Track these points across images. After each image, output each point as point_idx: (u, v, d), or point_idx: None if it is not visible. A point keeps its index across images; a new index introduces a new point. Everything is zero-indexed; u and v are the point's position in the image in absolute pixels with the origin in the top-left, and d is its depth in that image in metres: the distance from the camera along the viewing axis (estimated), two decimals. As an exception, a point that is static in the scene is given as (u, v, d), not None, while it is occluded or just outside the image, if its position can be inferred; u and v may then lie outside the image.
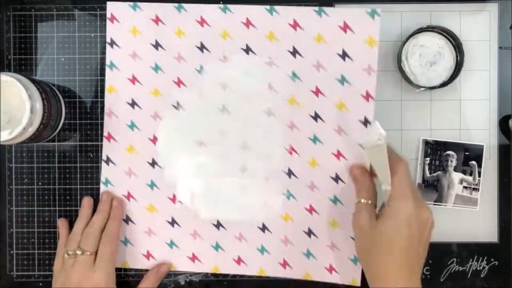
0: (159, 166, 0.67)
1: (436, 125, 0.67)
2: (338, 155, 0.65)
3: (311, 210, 0.66)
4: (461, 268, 0.68)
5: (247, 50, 0.65)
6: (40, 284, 0.68)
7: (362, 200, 0.60)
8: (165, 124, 0.67)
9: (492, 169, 0.67)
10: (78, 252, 0.62)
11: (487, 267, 0.67)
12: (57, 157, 0.68)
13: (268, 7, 0.65)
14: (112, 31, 0.66)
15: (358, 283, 0.65)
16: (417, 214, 0.56)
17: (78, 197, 0.68)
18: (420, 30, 0.64)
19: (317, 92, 0.65)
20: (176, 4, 0.65)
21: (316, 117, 0.65)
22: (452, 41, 0.65)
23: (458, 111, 0.68)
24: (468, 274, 0.67)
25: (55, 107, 0.63)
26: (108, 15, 0.66)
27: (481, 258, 0.67)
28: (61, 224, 0.67)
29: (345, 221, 0.65)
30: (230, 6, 0.65)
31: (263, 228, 0.67)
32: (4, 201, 0.68)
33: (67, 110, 0.67)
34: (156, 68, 0.66)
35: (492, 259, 0.67)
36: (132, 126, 0.67)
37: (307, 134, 0.65)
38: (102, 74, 0.68)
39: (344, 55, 0.64)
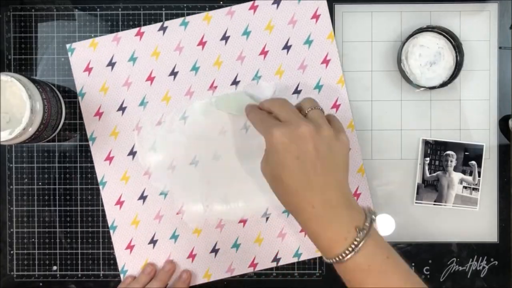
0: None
1: (436, 125, 0.68)
2: None
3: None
4: (461, 268, 0.68)
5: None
6: (40, 284, 0.68)
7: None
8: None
9: (492, 169, 0.67)
10: None
11: (487, 267, 0.67)
12: (57, 157, 0.68)
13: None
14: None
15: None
16: (285, 133, 0.53)
17: (78, 197, 0.68)
18: (420, 30, 0.64)
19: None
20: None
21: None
22: (452, 41, 0.65)
23: (458, 111, 0.68)
24: (468, 274, 0.68)
25: (55, 107, 0.63)
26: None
27: (481, 258, 0.67)
28: (150, 268, 0.67)
29: None
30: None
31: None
32: (4, 201, 0.68)
33: (67, 110, 0.67)
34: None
35: (492, 259, 0.67)
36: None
37: None
38: (102, 74, 0.68)
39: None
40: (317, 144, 0.53)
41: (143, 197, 0.67)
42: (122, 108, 0.67)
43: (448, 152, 0.67)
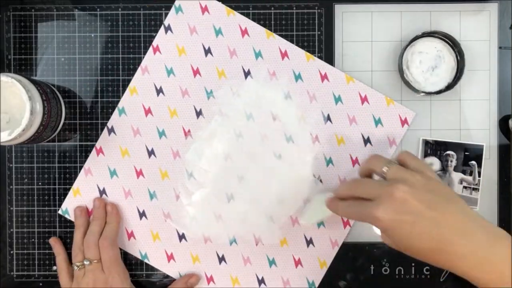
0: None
1: (436, 125, 0.68)
2: None
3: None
4: (461, 268, 0.67)
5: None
6: (40, 284, 0.68)
7: None
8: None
9: (492, 169, 0.67)
10: (86, 263, 0.63)
11: (487, 267, 0.67)
12: (57, 157, 0.68)
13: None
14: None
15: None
16: (383, 217, 0.51)
17: (78, 197, 0.68)
18: (417, 37, 0.64)
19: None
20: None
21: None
22: (450, 42, 0.65)
23: (458, 111, 0.68)
24: (468, 274, 0.67)
25: (55, 108, 0.63)
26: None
27: (481, 258, 0.67)
28: (54, 242, 0.67)
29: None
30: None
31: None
32: (4, 201, 0.68)
33: (67, 110, 0.67)
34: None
35: (492, 259, 0.67)
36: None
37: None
38: (102, 74, 0.68)
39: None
40: (419, 198, 0.50)
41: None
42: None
43: (448, 152, 0.67)
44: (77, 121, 0.68)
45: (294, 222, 0.67)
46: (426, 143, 0.67)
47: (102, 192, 0.67)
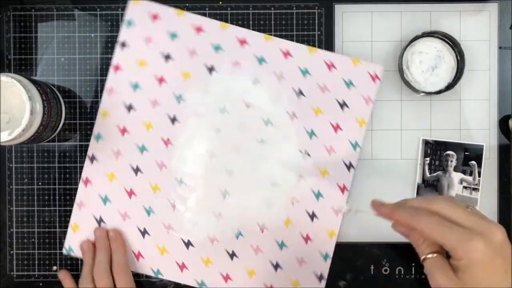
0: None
1: (436, 125, 0.68)
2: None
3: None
4: (461, 268, 0.67)
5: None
6: (40, 284, 0.68)
7: (429, 256, 0.50)
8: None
9: (492, 169, 0.67)
10: None
11: (487, 267, 0.67)
12: (57, 157, 0.68)
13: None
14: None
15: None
16: (488, 244, 0.45)
17: (78, 197, 0.68)
18: (417, 37, 0.64)
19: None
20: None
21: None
22: (450, 42, 0.65)
23: (458, 111, 0.68)
24: (468, 274, 0.67)
25: (55, 108, 0.63)
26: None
27: (481, 258, 0.67)
28: (63, 275, 0.67)
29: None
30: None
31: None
32: (4, 201, 0.68)
33: (67, 110, 0.67)
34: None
35: (492, 259, 0.67)
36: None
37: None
38: (102, 74, 0.68)
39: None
40: (509, 248, 0.47)
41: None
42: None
43: (448, 152, 0.67)
44: (77, 121, 0.68)
45: (292, 201, 0.67)
46: (426, 143, 0.67)
47: (100, 221, 0.67)
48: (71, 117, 0.68)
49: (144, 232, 0.67)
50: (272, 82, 0.66)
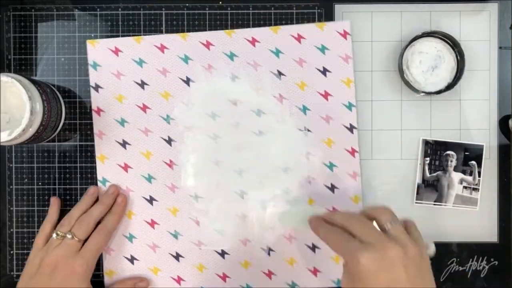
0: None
1: (436, 125, 0.68)
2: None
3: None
4: (461, 268, 0.68)
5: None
6: (40, 284, 0.68)
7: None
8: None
9: (492, 169, 0.67)
10: (68, 236, 0.61)
11: (487, 267, 0.67)
12: (57, 157, 0.68)
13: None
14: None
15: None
16: (375, 259, 0.49)
17: (78, 197, 0.68)
18: (417, 37, 0.64)
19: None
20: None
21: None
22: (450, 42, 0.65)
23: (458, 111, 0.68)
24: (468, 274, 0.68)
25: (55, 108, 0.63)
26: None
27: (481, 258, 0.68)
28: (53, 202, 0.66)
29: None
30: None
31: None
32: (4, 201, 0.68)
33: (67, 110, 0.67)
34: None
35: (492, 259, 0.67)
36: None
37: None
38: (102, 74, 0.68)
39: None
40: (407, 268, 0.49)
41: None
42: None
43: (448, 152, 0.67)
44: (77, 121, 0.68)
45: (309, 179, 0.67)
46: (426, 143, 0.67)
47: (131, 259, 0.67)
48: (71, 117, 0.68)
49: (177, 256, 0.67)
50: (250, 73, 0.67)
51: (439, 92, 0.64)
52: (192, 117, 0.67)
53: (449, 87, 0.64)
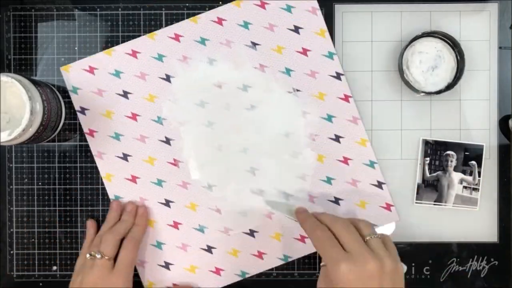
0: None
1: (436, 125, 0.68)
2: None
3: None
4: (461, 268, 0.68)
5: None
6: (40, 284, 0.68)
7: (322, 264, 0.59)
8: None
9: (492, 169, 0.67)
10: (97, 256, 0.62)
11: (487, 267, 0.67)
12: (57, 157, 0.68)
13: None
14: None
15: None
16: (352, 270, 0.52)
17: (78, 197, 0.68)
18: (417, 37, 0.64)
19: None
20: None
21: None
22: (450, 42, 0.65)
23: (458, 111, 0.68)
24: (468, 274, 0.68)
25: (55, 108, 0.63)
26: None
27: (481, 258, 0.68)
28: (89, 225, 0.67)
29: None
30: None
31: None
32: (4, 201, 0.68)
33: (67, 110, 0.67)
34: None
35: (492, 259, 0.67)
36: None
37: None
38: (102, 74, 0.68)
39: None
40: (382, 282, 0.52)
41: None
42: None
43: (448, 152, 0.67)
44: (77, 121, 0.68)
45: (312, 137, 0.67)
46: (426, 143, 0.67)
47: (166, 265, 0.68)
48: (71, 117, 0.68)
49: (209, 249, 0.68)
50: (225, 52, 0.67)
51: (439, 92, 0.64)
52: (182, 112, 0.67)
53: (449, 87, 0.64)
